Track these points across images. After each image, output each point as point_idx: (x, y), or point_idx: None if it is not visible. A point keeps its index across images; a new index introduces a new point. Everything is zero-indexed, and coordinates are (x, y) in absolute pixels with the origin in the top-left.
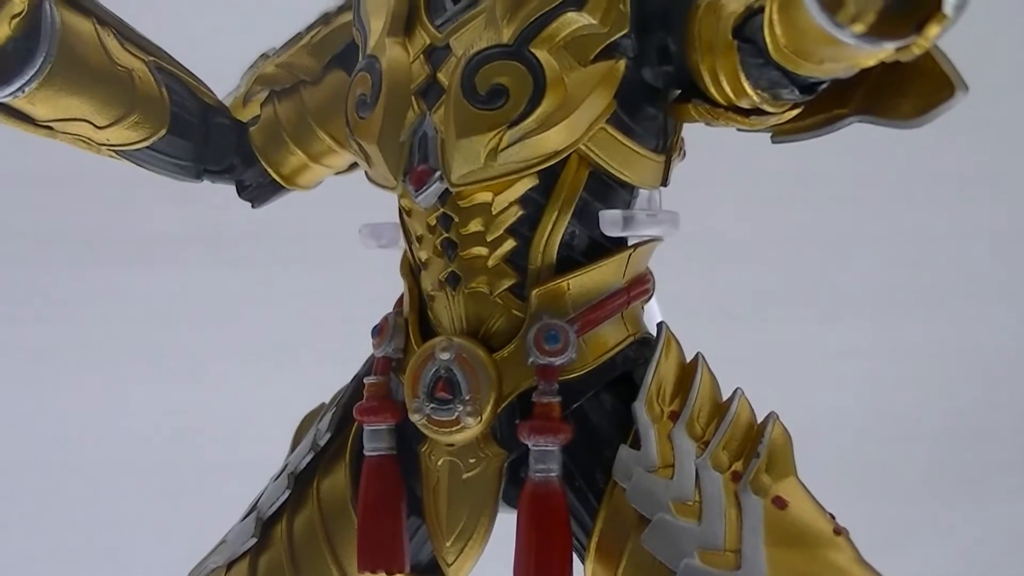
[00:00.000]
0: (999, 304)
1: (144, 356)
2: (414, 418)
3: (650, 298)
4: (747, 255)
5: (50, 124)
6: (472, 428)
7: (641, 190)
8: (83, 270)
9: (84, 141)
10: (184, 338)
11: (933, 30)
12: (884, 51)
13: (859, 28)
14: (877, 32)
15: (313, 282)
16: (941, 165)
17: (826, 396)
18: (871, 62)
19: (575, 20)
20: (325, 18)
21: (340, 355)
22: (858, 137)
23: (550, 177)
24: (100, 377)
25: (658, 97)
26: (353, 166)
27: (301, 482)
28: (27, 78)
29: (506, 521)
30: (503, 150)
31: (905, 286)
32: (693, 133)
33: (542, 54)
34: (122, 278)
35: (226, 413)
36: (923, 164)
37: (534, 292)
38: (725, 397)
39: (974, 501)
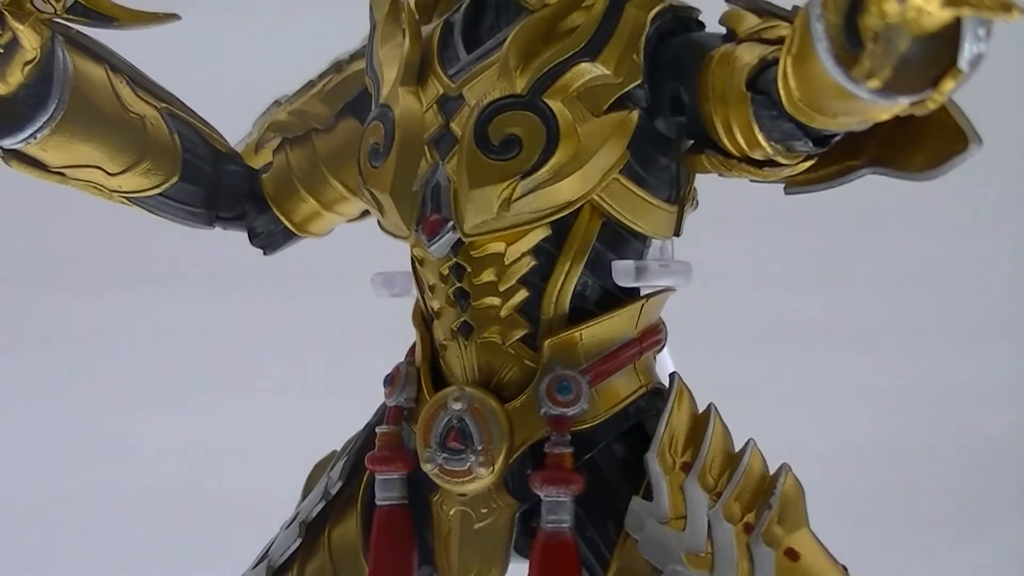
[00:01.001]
0: (1008, 340)
1: (152, 388)
2: (426, 468)
3: (662, 348)
4: (753, 290)
5: (62, 171)
6: (484, 478)
7: (654, 240)
8: (88, 297)
9: (96, 187)
10: (195, 371)
11: (948, 85)
12: (899, 106)
13: (874, 84)
14: (892, 87)
15: (325, 329)
16: (952, 200)
17: (833, 431)
18: (885, 116)
19: (588, 71)
20: (337, 66)
21: (352, 397)
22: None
23: (562, 227)
24: (106, 408)
25: (671, 147)
26: (365, 213)
27: (312, 530)
28: (39, 124)
29: (518, 572)
30: (516, 200)
31: (915, 322)
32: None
33: (555, 104)
34: (131, 306)
35: (236, 452)
36: (933, 199)
37: (546, 342)
38: (737, 447)
39: (979, 536)
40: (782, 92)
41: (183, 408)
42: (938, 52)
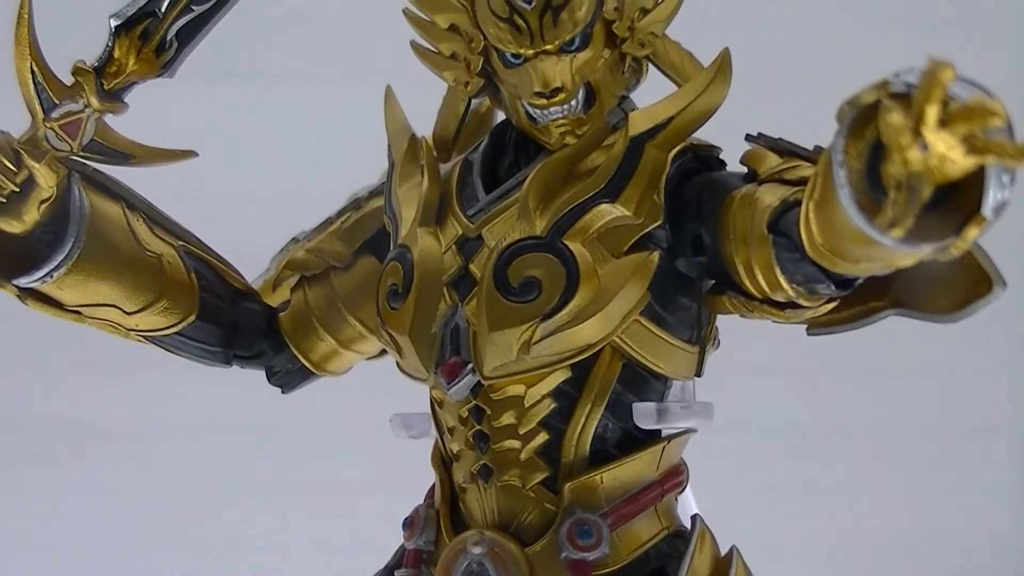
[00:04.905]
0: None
1: (184, 485)
2: None
3: (684, 489)
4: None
5: (78, 309)
6: None
7: (675, 381)
8: (115, 386)
9: (112, 326)
10: (220, 472)
11: (972, 232)
12: (922, 252)
13: (897, 233)
14: (916, 235)
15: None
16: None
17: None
18: (908, 262)
19: (609, 212)
20: (356, 203)
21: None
22: None
23: (583, 370)
24: (131, 505)
25: (692, 288)
26: (383, 352)
27: None
28: (56, 263)
29: None
30: (536, 343)
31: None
32: None
33: (575, 246)
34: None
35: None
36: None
37: (567, 486)
38: None
39: None
40: (804, 236)
41: (211, 508)
42: (961, 199)
